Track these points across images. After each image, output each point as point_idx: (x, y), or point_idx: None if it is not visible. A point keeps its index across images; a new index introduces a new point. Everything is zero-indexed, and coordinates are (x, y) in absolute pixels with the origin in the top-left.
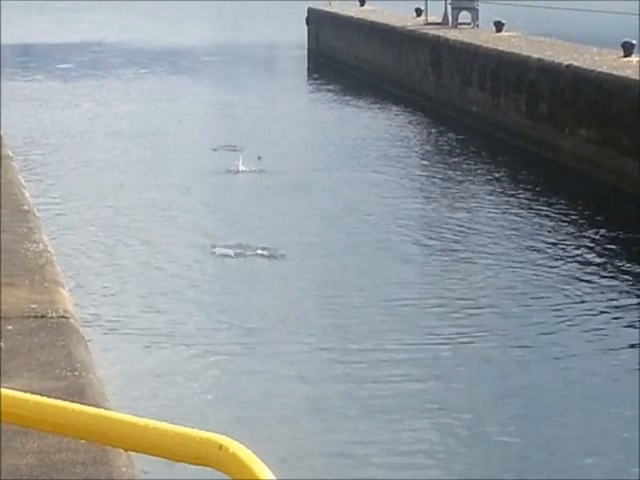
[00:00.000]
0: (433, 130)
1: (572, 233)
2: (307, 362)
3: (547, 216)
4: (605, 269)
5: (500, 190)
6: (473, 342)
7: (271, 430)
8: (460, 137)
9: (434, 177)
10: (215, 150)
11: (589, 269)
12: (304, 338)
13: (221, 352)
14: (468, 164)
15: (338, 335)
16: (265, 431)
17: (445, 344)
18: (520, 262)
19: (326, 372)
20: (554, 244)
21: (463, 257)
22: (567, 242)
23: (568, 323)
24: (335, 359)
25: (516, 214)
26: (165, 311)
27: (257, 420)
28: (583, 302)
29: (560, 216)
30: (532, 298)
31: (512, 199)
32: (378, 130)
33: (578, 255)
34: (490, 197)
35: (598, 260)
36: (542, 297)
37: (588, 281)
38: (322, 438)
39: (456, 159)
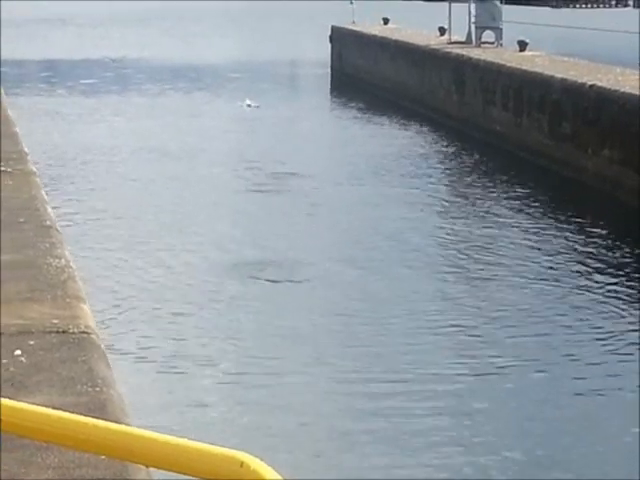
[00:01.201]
0: (455, 149)
1: (595, 253)
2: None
3: (570, 236)
4: (631, 288)
5: (522, 209)
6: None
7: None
8: (483, 156)
9: (456, 195)
10: (238, 167)
11: (615, 289)
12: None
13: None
14: (490, 183)
15: (366, 362)
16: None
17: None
18: (544, 281)
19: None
20: (578, 263)
21: (485, 275)
22: (590, 262)
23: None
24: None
25: (538, 233)
26: (181, 333)
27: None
28: (611, 323)
29: (583, 236)
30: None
31: (534, 218)
32: (400, 148)
33: (602, 276)
34: (512, 216)
35: (623, 280)
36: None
37: (615, 300)
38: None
39: (478, 178)
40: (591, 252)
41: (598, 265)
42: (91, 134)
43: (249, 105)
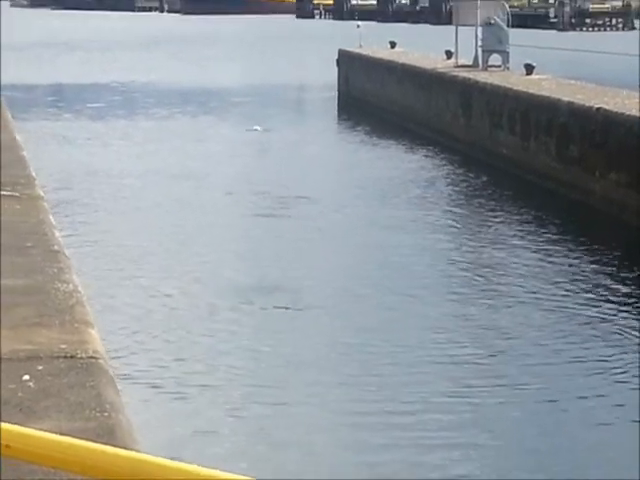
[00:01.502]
0: (462, 172)
1: (602, 275)
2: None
3: (578, 258)
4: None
5: (530, 232)
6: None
7: None
8: (490, 179)
9: (463, 218)
10: (245, 191)
11: (624, 313)
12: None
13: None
14: (497, 206)
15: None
16: None
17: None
18: (552, 305)
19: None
20: (585, 286)
21: (493, 299)
22: (598, 285)
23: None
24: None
25: (546, 257)
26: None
27: None
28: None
29: (591, 259)
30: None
31: (542, 241)
32: (407, 171)
33: (611, 299)
34: (520, 239)
35: (632, 304)
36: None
37: (623, 324)
38: None
39: (485, 201)
40: (599, 274)
41: (605, 288)
42: (98, 158)
43: (256, 129)
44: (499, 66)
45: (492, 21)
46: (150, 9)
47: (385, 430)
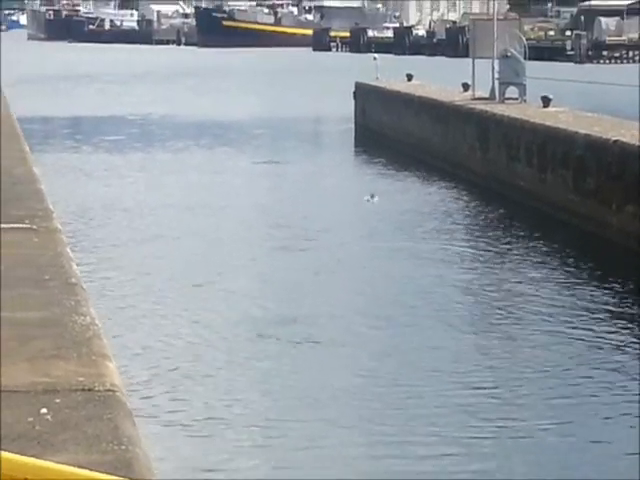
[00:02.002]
0: (479, 204)
1: (620, 309)
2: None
3: (593, 291)
4: None
5: (546, 264)
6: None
7: None
8: (506, 212)
9: (480, 250)
10: (262, 223)
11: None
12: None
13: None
14: (514, 239)
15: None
16: None
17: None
18: (568, 338)
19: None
20: (602, 318)
21: (511, 332)
22: (615, 316)
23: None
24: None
25: (562, 289)
26: (203, 392)
27: None
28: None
29: (607, 291)
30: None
31: (558, 273)
32: (424, 204)
33: (628, 329)
34: (536, 271)
35: None
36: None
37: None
38: None
39: (502, 233)
40: (617, 307)
41: (624, 320)
42: (115, 190)
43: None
44: (516, 98)
45: (509, 54)
46: (167, 42)
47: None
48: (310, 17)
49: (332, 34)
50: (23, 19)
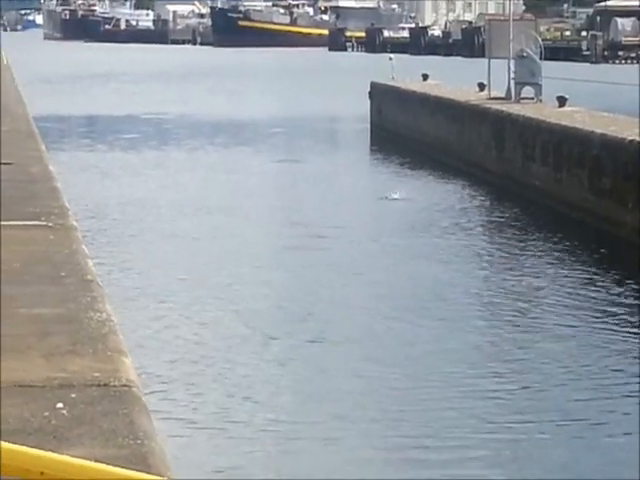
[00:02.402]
0: (495, 204)
1: (634, 307)
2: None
3: (609, 290)
4: None
5: (561, 263)
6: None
7: None
8: (522, 211)
9: (495, 249)
10: (277, 222)
11: None
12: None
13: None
14: (530, 238)
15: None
16: None
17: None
18: (583, 336)
19: None
20: (617, 317)
21: (525, 329)
22: (629, 316)
23: None
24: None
25: (577, 288)
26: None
27: None
28: None
29: (623, 290)
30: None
31: (573, 273)
32: (439, 203)
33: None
34: (550, 270)
35: None
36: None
37: None
38: None
39: (518, 232)
40: (631, 306)
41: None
42: (131, 189)
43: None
44: (532, 98)
45: (525, 54)
46: (183, 42)
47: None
48: (326, 17)
49: (348, 34)
50: (39, 19)
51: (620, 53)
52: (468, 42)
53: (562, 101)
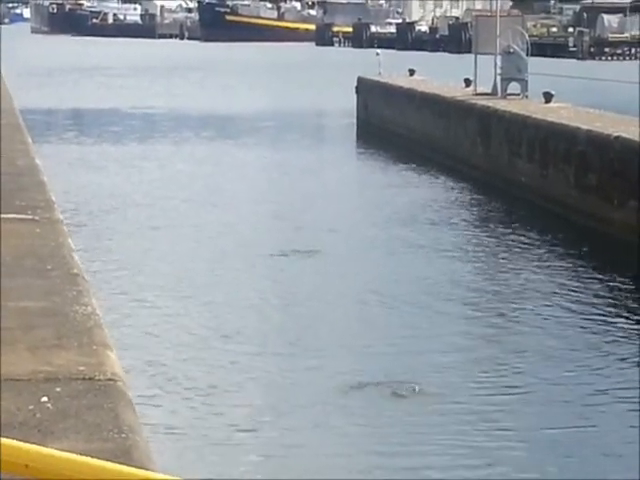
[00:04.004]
0: (480, 199)
1: (620, 303)
2: None
3: (594, 286)
4: None
5: (546, 260)
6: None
7: None
8: (507, 207)
9: (480, 245)
10: (262, 217)
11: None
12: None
13: None
14: (515, 234)
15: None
16: None
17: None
18: (568, 330)
19: None
20: (601, 313)
21: (509, 325)
22: (613, 311)
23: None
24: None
25: (562, 284)
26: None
27: None
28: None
29: (608, 286)
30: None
31: (558, 269)
32: (425, 198)
33: (626, 322)
34: (536, 266)
35: None
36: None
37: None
38: None
39: (503, 228)
40: (615, 301)
41: (623, 314)
42: (117, 182)
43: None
44: (518, 94)
45: (511, 50)
46: (170, 36)
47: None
48: (313, 12)
49: (335, 29)
50: (26, 12)
51: (607, 50)
52: (455, 38)
53: (548, 97)
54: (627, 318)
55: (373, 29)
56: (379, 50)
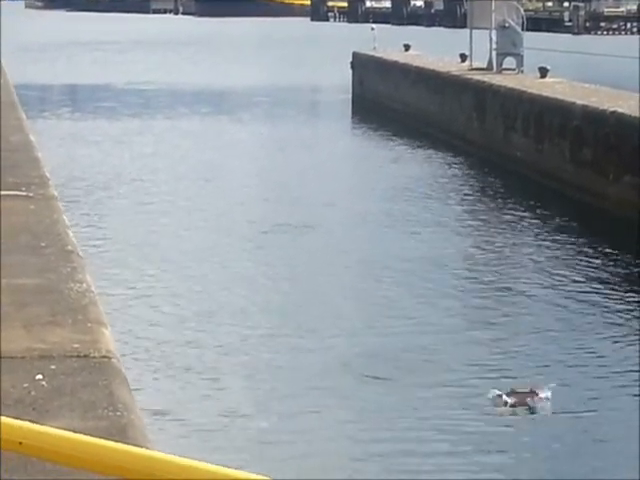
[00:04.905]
0: (476, 175)
1: (613, 275)
2: None
3: (589, 260)
4: None
5: (540, 234)
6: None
7: None
8: (503, 182)
9: (474, 219)
10: (257, 192)
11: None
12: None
13: None
14: (510, 208)
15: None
16: None
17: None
18: (563, 305)
19: None
20: (595, 287)
21: (501, 296)
22: (608, 285)
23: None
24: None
25: (556, 258)
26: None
27: None
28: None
29: (603, 260)
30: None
31: (552, 243)
32: (420, 173)
33: (620, 296)
34: (530, 240)
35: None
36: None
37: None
38: None
39: (497, 203)
40: (610, 275)
41: (619, 288)
42: (111, 158)
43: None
44: (513, 69)
45: (507, 24)
46: (165, 11)
47: None
48: None
49: (330, 4)
50: None
51: (602, 24)
52: (450, 13)
53: (543, 72)
54: (621, 287)
55: (368, 4)
56: (374, 25)
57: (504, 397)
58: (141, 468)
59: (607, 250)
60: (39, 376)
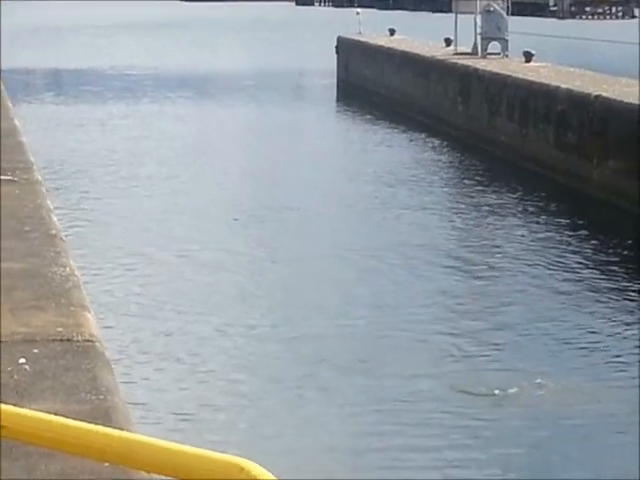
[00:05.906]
0: (461, 159)
1: (596, 257)
2: None
3: (572, 244)
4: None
5: (525, 218)
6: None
7: None
8: (487, 167)
9: (459, 204)
10: (240, 178)
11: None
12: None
13: None
14: (495, 193)
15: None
16: None
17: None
18: (547, 288)
19: None
20: (579, 270)
21: (486, 283)
22: (591, 268)
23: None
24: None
25: (540, 242)
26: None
27: None
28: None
29: (587, 244)
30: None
31: (537, 227)
32: (405, 158)
33: (604, 279)
34: (515, 224)
35: (625, 284)
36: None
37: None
38: None
39: (482, 188)
40: (594, 258)
41: (601, 270)
42: (96, 142)
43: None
44: (498, 54)
45: (491, 9)
46: None
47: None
48: None
49: None
50: None
51: (587, 9)
52: None
53: (528, 56)
54: (603, 269)
55: None
56: (359, 9)
57: None
58: (124, 451)
59: (591, 233)
60: (22, 360)
